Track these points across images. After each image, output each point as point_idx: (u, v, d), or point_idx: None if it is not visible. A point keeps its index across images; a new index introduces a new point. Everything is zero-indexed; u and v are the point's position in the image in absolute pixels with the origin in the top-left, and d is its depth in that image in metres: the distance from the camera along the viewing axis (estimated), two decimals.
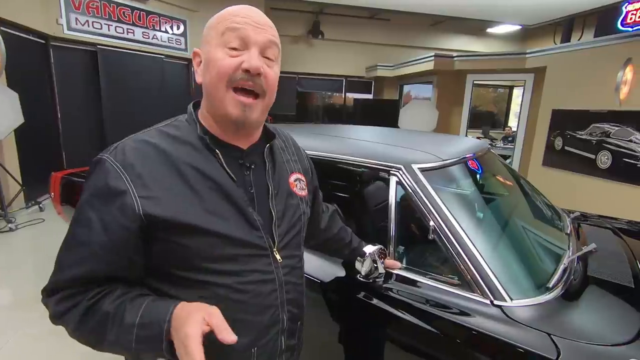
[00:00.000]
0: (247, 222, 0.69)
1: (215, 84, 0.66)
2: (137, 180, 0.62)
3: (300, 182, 0.84)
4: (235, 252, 0.67)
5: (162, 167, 0.65)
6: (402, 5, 5.23)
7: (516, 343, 0.87)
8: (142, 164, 0.64)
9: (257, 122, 0.71)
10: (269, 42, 0.68)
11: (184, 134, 0.70)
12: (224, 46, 0.66)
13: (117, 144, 0.68)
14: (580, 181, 4.40)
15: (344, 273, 1.23)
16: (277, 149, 0.82)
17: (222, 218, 0.66)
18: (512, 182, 1.66)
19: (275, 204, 0.75)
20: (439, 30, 8.11)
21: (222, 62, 0.65)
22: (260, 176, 0.75)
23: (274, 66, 0.70)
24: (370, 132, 1.79)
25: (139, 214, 0.61)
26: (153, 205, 0.62)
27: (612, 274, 1.18)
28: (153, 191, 0.63)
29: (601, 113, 4.16)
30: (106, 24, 5.20)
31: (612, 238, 1.55)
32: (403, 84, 7.96)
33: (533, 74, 5.40)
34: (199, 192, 0.65)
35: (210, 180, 0.67)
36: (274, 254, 0.72)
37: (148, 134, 0.69)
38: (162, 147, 0.66)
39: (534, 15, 4.98)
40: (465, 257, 1.03)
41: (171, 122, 0.74)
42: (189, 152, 0.67)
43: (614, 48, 4.07)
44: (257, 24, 0.67)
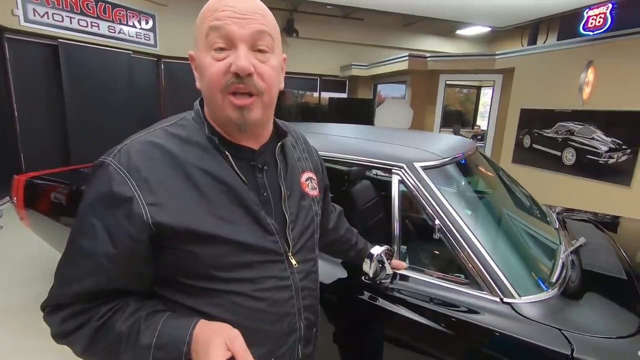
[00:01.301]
0: (260, 226, 0.65)
1: (210, 93, 0.61)
2: (143, 185, 0.57)
3: (312, 181, 0.80)
4: (250, 258, 0.63)
5: (169, 171, 0.59)
6: (375, 5, 5.25)
7: (531, 341, 0.87)
8: (149, 167, 0.58)
9: (259, 121, 0.65)
10: (257, 32, 0.60)
11: (192, 134, 0.64)
12: (210, 49, 0.59)
13: (121, 146, 0.61)
14: (547, 177, 4.62)
15: (345, 274, 1.19)
16: (288, 147, 0.77)
17: (235, 224, 0.62)
18: (501, 179, 1.70)
19: (288, 206, 0.70)
20: (412, 31, 8.26)
21: (210, 70, 0.59)
22: (272, 177, 0.70)
23: (270, 59, 0.63)
24: (361, 130, 1.77)
25: (147, 222, 0.56)
26: (162, 213, 0.57)
27: (604, 266, 1.23)
28: (161, 197, 0.57)
29: (566, 112, 4.38)
30: (68, 16, 4.88)
31: (595, 231, 1.62)
32: (377, 83, 8.05)
33: (502, 75, 5.61)
34: (210, 197, 0.60)
35: (220, 184, 0.62)
36: (289, 258, 0.69)
37: (153, 135, 0.63)
38: (169, 148, 0.61)
39: (503, 18, 5.16)
40: (473, 255, 1.02)
41: (177, 121, 0.67)
42: (197, 154, 0.62)
43: (576, 51, 4.30)
44: (241, 15, 0.59)
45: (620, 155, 3.77)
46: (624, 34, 3.74)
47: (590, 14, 4.35)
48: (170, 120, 0.68)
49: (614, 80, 3.83)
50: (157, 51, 6.14)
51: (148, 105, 6.12)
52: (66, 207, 2.12)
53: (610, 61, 3.88)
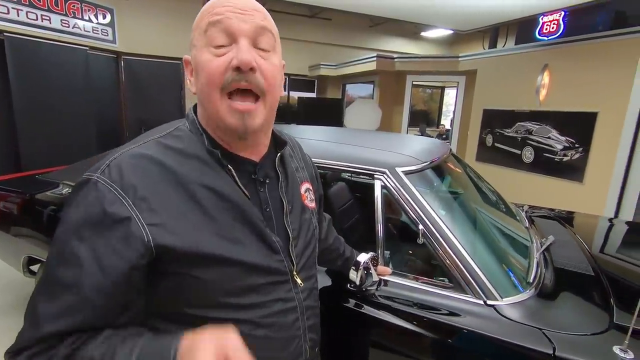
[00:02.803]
0: (266, 245, 0.61)
1: (207, 93, 0.57)
2: (142, 204, 0.52)
3: (310, 193, 0.77)
4: (257, 281, 0.59)
5: (168, 188, 0.54)
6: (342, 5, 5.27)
7: (516, 342, 0.89)
8: (146, 184, 0.53)
9: (261, 128, 0.61)
10: (258, 28, 0.57)
11: (189, 146, 0.59)
12: (209, 45, 0.56)
13: (109, 161, 0.55)
14: (509, 174, 4.86)
15: (330, 282, 1.18)
16: (287, 158, 0.73)
17: (241, 243, 0.58)
18: (475, 181, 1.75)
19: (291, 221, 0.67)
20: (378, 31, 8.39)
21: (209, 66, 0.55)
22: (273, 191, 0.66)
23: (272, 57, 0.60)
24: (338, 133, 1.76)
25: (149, 244, 0.50)
26: (165, 234, 0.52)
27: (573, 263, 1.29)
28: (162, 217, 0.52)
29: (524, 113, 4.62)
30: (15, 8, 4.50)
31: (561, 228, 1.71)
32: (346, 83, 8.10)
33: (465, 76, 5.83)
34: (214, 215, 0.56)
35: (224, 201, 0.58)
36: (294, 277, 0.65)
37: (145, 147, 0.57)
38: (166, 163, 0.56)
39: (465, 22, 5.35)
40: (457, 259, 1.04)
41: (170, 131, 0.61)
42: (197, 168, 0.57)
43: (533, 55, 4.54)
44: (241, 10, 0.57)
45: (574, 153, 4.03)
46: (576, 40, 3.99)
47: (545, 20, 4.61)
48: (161, 130, 0.62)
49: (567, 82, 4.09)
50: (116, 47, 5.82)
51: (107, 105, 5.78)
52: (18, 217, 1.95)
53: (563, 65, 4.13)
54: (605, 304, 1.06)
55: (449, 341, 0.98)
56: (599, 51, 3.73)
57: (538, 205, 2.20)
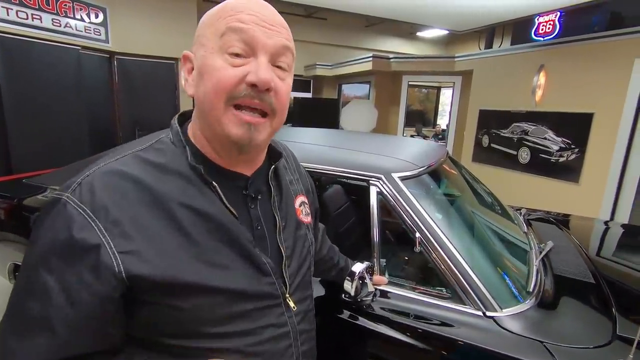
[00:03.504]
0: (255, 267, 0.56)
1: (211, 101, 0.52)
2: (113, 229, 0.47)
3: (305, 206, 0.72)
4: (245, 307, 0.55)
5: (145, 209, 0.50)
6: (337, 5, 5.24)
7: (517, 356, 0.86)
8: (119, 205, 0.48)
9: (263, 144, 0.58)
10: (282, 47, 0.54)
11: (171, 160, 0.54)
12: (224, 51, 0.51)
13: (81, 178, 0.50)
14: (505, 175, 4.85)
15: (323, 292, 1.14)
16: (281, 170, 0.69)
17: (227, 268, 0.53)
18: (472, 185, 1.72)
19: (284, 239, 0.62)
20: (374, 31, 8.36)
21: (221, 74, 0.50)
22: (265, 207, 0.62)
23: (287, 77, 0.56)
24: (333, 137, 1.72)
25: (120, 276, 0.46)
26: (139, 262, 0.47)
27: (573, 270, 1.26)
28: (137, 243, 0.48)
29: (521, 113, 4.61)
30: (4, 7, 4.42)
31: (558, 232, 1.68)
32: (342, 83, 8.07)
33: (461, 77, 5.82)
34: (196, 239, 0.52)
35: (208, 222, 0.53)
36: (287, 300, 0.61)
37: (122, 162, 0.52)
38: (144, 180, 0.51)
39: (462, 22, 5.34)
40: (455, 269, 1.01)
41: (151, 144, 0.56)
42: (179, 186, 0.53)
43: (529, 55, 4.53)
44: (269, 25, 0.53)
45: (570, 154, 4.02)
46: (572, 40, 3.98)
47: (540, 20, 4.60)
48: (142, 142, 0.57)
49: (563, 83, 4.08)
50: (109, 47, 5.74)
51: (101, 106, 5.70)
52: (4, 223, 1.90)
53: (559, 65, 4.13)
54: (607, 313, 1.04)
55: (447, 355, 0.94)
56: (595, 52, 3.72)
57: (534, 206, 2.17)
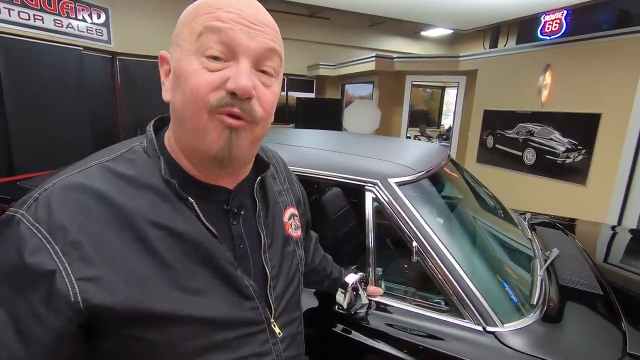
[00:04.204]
0: (236, 291, 0.51)
1: (190, 110, 0.46)
2: (72, 252, 0.42)
3: (295, 219, 0.66)
4: (224, 336, 0.49)
5: (111, 229, 0.44)
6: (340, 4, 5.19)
7: None
8: (81, 225, 0.43)
9: (246, 156, 0.51)
10: (267, 50, 0.48)
11: (143, 173, 0.48)
12: (201, 54, 0.46)
13: (39, 193, 0.44)
14: (510, 177, 4.77)
15: (317, 303, 1.09)
16: (269, 180, 0.63)
17: (203, 294, 0.48)
18: (474, 190, 1.66)
19: (270, 257, 0.57)
20: (377, 31, 8.30)
21: (197, 79, 0.45)
22: (250, 222, 0.56)
23: (273, 84, 0.51)
24: (329, 138, 1.67)
25: (77, 306, 0.41)
26: (100, 291, 0.42)
27: (579, 280, 1.20)
28: (99, 268, 0.42)
29: (526, 114, 4.53)
30: (6, 8, 4.43)
31: (565, 239, 1.62)
32: (345, 83, 8.02)
33: (465, 76, 5.74)
34: (169, 262, 0.46)
35: (183, 242, 0.47)
36: (272, 326, 0.55)
37: (85, 174, 0.47)
38: (110, 195, 0.45)
39: (466, 21, 5.26)
40: (453, 280, 0.95)
41: (121, 153, 0.50)
42: (150, 202, 0.47)
43: (535, 54, 4.45)
44: (252, 23, 0.47)
45: (576, 155, 3.94)
46: (579, 39, 3.90)
47: (547, 19, 4.51)
48: (113, 151, 0.51)
49: (569, 83, 3.99)
50: (111, 47, 5.74)
51: (103, 106, 5.69)
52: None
53: (566, 65, 4.04)
54: (617, 327, 0.98)
55: None
56: (602, 51, 3.64)
57: (540, 209, 2.11)
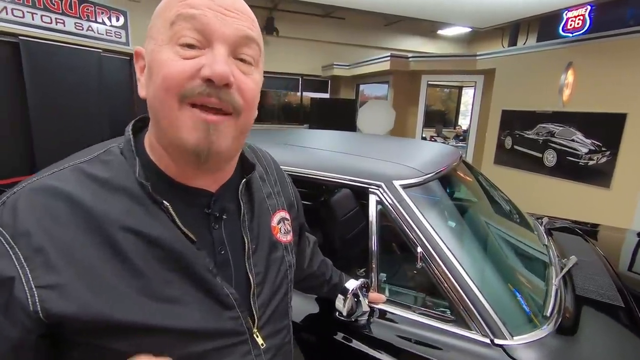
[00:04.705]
0: (214, 300, 0.48)
1: (161, 99, 0.44)
2: (35, 258, 0.40)
3: (285, 223, 0.63)
4: (202, 347, 0.47)
5: (80, 234, 0.42)
6: (356, 4, 5.14)
7: None
8: (46, 230, 0.41)
9: (228, 151, 0.48)
10: (243, 37, 0.46)
11: (117, 175, 0.46)
12: (175, 42, 0.44)
13: (7, 196, 0.43)
14: (529, 179, 4.61)
15: (318, 309, 1.06)
16: (256, 182, 0.60)
17: (178, 303, 0.45)
18: (487, 193, 1.59)
19: (254, 263, 0.54)
20: (393, 30, 8.20)
21: (170, 67, 0.43)
22: (233, 226, 0.53)
23: (253, 72, 0.48)
24: (337, 139, 1.64)
25: (35, 315, 0.39)
26: (62, 299, 0.40)
27: (598, 290, 1.13)
28: (62, 275, 0.40)
29: (547, 114, 4.37)
30: (30, 12, 4.58)
31: (584, 246, 1.53)
32: (359, 83, 7.95)
33: (483, 76, 5.59)
34: (140, 269, 0.44)
35: (157, 248, 0.45)
36: (254, 336, 0.52)
37: (58, 177, 0.45)
38: (82, 199, 0.43)
39: (484, 19, 5.13)
40: (459, 289, 0.90)
41: (99, 154, 0.49)
42: (124, 206, 0.45)
43: (556, 52, 4.29)
44: (227, 10, 0.45)
45: (600, 157, 3.77)
46: (603, 36, 3.74)
47: (569, 15, 4.35)
48: (89, 152, 0.49)
49: (593, 81, 3.83)
50: (129, 49, 5.86)
51: (121, 107, 5.82)
52: None
53: (589, 63, 3.88)
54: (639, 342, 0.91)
55: None
56: (628, 48, 3.47)
57: (561, 213, 2.01)
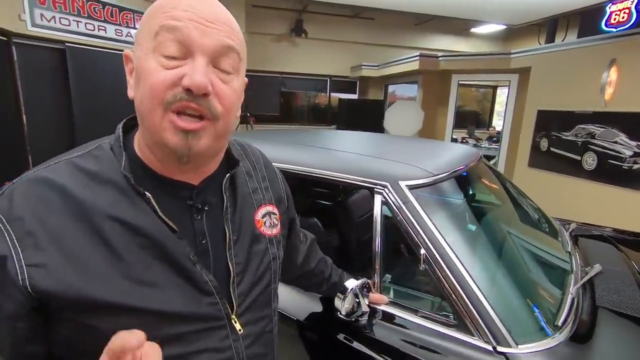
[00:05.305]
0: (194, 286, 0.52)
1: (147, 106, 0.48)
2: (26, 239, 0.45)
3: (271, 217, 0.66)
4: (178, 330, 0.50)
5: (68, 221, 0.47)
6: (386, 4, 5.09)
7: None
8: (38, 216, 0.46)
9: (208, 151, 0.52)
10: (223, 47, 0.49)
11: (106, 169, 0.51)
12: (159, 53, 0.47)
13: (8, 186, 0.49)
14: (566, 183, 4.36)
15: (321, 309, 1.06)
16: (241, 177, 0.63)
17: (157, 287, 0.49)
18: (507, 195, 1.53)
19: (235, 254, 0.57)
20: (424, 29, 8.03)
21: (153, 77, 0.47)
22: (215, 218, 0.57)
23: (232, 80, 0.51)
24: (352, 139, 1.63)
25: (25, 290, 0.43)
26: (47, 277, 0.44)
27: (622, 302, 1.05)
28: (50, 257, 0.45)
29: (586, 114, 4.12)
30: (75, 20, 4.90)
31: (614, 254, 1.43)
32: (388, 84, 7.86)
33: (517, 75, 5.35)
34: (121, 253, 0.48)
35: (139, 236, 0.49)
36: (233, 322, 0.55)
37: (52, 169, 0.50)
38: (72, 190, 0.48)
39: (519, 15, 4.92)
40: (462, 292, 0.88)
41: (91, 149, 0.54)
42: (110, 197, 0.49)
43: (598, 48, 4.03)
44: (208, 21, 0.47)
45: None
46: None
47: (613, 9, 4.08)
48: (83, 148, 0.54)
49: (638, 79, 3.57)
50: None
51: None
52: None
53: (635, 59, 3.62)
54: None
55: None
56: None
57: (600, 220, 1.88)
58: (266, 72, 7.55)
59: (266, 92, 7.69)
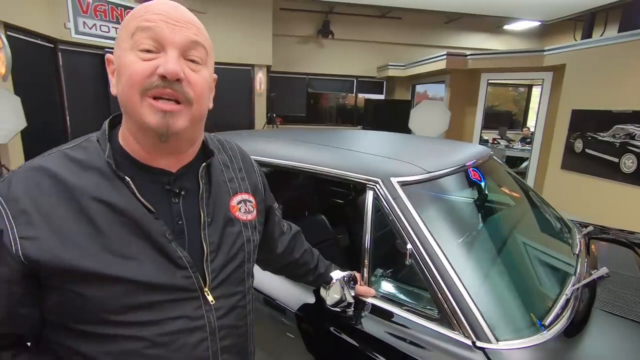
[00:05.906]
0: (169, 260, 0.59)
1: (127, 94, 0.55)
2: (20, 217, 0.52)
3: (247, 204, 0.72)
4: (153, 298, 0.57)
5: (57, 202, 0.54)
6: (415, 3, 5.04)
7: None
8: (31, 197, 0.54)
9: (185, 133, 0.59)
10: (191, 42, 0.57)
11: (92, 157, 0.58)
12: (136, 49, 0.55)
13: (8, 173, 0.58)
14: (602, 186, 4.12)
15: (313, 300, 1.10)
16: (216, 168, 0.70)
17: (134, 259, 0.56)
18: (516, 194, 1.49)
19: (209, 234, 0.64)
20: (453, 28, 7.84)
21: (132, 67, 0.54)
22: (191, 203, 0.64)
23: (202, 70, 0.60)
24: (358, 138, 1.65)
25: (18, 259, 0.51)
26: (38, 248, 0.52)
27: (624, 306, 1.01)
28: (40, 231, 0.52)
29: (625, 113, 3.88)
30: (114, 27, 5.22)
31: (630, 259, 1.36)
32: (415, 83, 7.74)
33: (551, 73, 5.11)
34: (103, 230, 0.55)
35: (120, 215, 0.56)
36: (205, 294, 0.62)
37: (47, 159, 0.58)
38: (62, 176, 0.56)
39: (553, 11, 4.71)
40: (445, 287, 0.88)
41: (80, 142, 0.62)
42: (95, 182, 0.56)
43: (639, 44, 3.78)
44: (175, 21, 0.56)
45: None
46: None
47: None
48: (74, 141, 0.63)
49: None
50: None
51: None
52: None
53: None
54: None
55: None
56: None
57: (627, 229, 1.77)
58: (293, 74, 7.66)
59: (293, 93, 7.80)
